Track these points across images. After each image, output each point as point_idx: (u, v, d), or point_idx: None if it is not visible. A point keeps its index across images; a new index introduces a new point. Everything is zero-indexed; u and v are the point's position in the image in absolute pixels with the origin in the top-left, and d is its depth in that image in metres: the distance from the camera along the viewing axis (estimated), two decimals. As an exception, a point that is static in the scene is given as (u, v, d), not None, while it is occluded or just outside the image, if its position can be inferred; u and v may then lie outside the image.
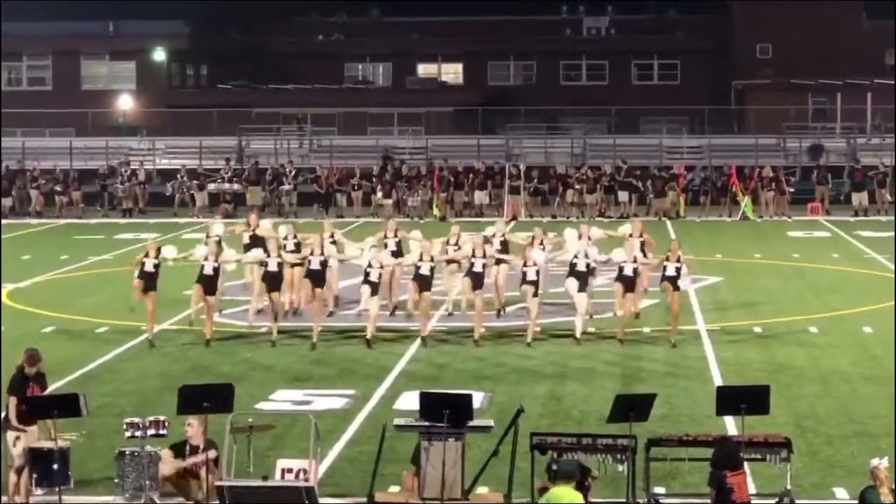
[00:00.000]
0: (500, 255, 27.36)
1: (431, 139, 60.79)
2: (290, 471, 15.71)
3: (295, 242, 27.87)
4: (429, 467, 15.50)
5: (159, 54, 70.70)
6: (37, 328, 27.67)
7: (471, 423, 15.72)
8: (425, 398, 15.88)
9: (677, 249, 25.91)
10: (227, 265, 27.11)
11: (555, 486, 13.06)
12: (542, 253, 26.34)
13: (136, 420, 16.21)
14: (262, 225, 29.91)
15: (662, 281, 25.75)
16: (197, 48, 72.33)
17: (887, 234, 42.52)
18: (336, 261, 27.69)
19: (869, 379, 22.58)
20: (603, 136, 61.73)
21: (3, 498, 15.92)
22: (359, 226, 44.09)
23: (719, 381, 21.88)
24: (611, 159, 54.27)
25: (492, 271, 27.63)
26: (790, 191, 51.29)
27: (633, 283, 26.04)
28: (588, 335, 25.96)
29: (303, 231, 30.06)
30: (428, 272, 25.57)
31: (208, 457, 15.76)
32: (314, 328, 25.76)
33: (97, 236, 45.78)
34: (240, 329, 27.20)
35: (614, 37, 76.46)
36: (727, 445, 14.48)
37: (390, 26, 78.12)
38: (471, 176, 52.12)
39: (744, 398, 15.94)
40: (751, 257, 38.71)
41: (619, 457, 15.43)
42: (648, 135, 64.02)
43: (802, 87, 66.25)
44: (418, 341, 25.62)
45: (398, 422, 16.31)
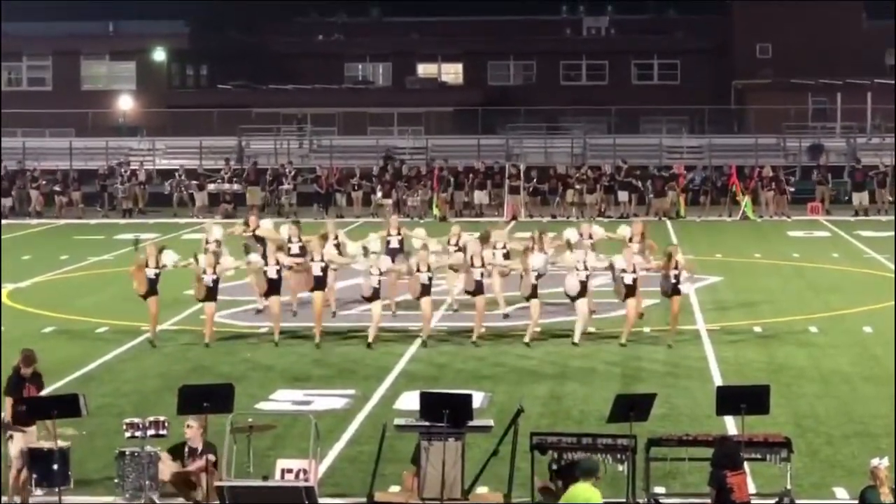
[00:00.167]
0: (498, 263, 26.71)
1: (431, 139, 60.74)
2: (290, 471, 15.69)
3: (300, 246, 27.27)
4: (429, 467, 15.49)
5: (159, 54, 70.66)
6: (37, 328, 27.66)
7: (471, 423, 15.70)
8: (425, 398, 15.86)
9: (676, 254, 25.59)
10: (226, 272, 26.85)
11: (576, 483, 13.21)
12: (541, 256, 25.91)
13: (136, 420, 16.18)
14: (262, 225, 29.61)
15: (663, 288, 25.56)
16: (197, 48, 72.29)
17: (887, 233, 42.50)
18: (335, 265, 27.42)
19: (869, 379, 22.56)
20: (603, 135, 61.70)
21: (3, 498, 15.91)
22: (359, 226, 44.05)
23: (719, 381, 21.87)
24: (611, 159, 54.22)
25: (494, 279, 27.43)
26: (790, 191, 51.28)
27: (635, 289, 25.82)
28: (588, 335, 25.93)
29: (305, 233, 29.64)
30: (427, 281, 25.34)
31: (208, 460, 15.72)
32: (316, 329, 25.72)
33: (97, 236, 45.76)
34: (240, 329, 27.21)
35: (614, 37, 76.40)
36: (727, 445, 14.48)
37: (390, 26, 78.06)
38: (471, 176, 52.11)
39: (744, 398, 15.93)
40: (751, 257, 38.70)
41: (620, 457, 15.43)
42: (648, 135, 63.96)
43: (802, 87, 66.21)
44: (418, 341, 25.60)
45: (398, 422, 16.30)
